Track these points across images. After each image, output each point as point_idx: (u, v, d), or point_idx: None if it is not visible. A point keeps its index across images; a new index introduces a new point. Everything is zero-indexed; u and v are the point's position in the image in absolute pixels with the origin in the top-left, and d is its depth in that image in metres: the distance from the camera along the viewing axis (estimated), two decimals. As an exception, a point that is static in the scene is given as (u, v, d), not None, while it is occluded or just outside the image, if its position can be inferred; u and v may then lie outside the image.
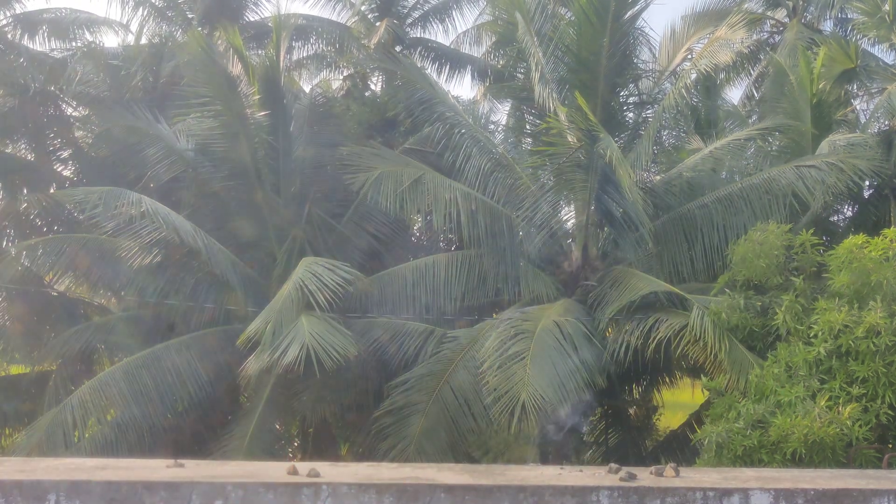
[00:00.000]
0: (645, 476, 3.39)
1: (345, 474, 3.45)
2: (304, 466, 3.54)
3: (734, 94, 19.47)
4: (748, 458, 6.78)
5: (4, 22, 15.31)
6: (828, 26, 18.16)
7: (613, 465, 3.86)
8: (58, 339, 11.98)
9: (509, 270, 11.02)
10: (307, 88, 16.68)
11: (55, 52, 15.29)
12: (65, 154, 15.56)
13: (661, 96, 12.60)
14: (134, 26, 16.52)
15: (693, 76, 12.52)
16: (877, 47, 15.07)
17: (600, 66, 10.91)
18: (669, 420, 12.56)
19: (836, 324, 6.93)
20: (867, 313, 6.86)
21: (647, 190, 11.03)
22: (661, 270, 10.73)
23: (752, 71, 18.80)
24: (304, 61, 18.37)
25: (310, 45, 18.02)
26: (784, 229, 8.39)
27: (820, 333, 7.06)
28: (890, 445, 7.03)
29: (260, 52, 15.72)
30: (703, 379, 8.69)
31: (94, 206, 10.67)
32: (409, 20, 18.45)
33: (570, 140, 10.54)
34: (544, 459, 10.56)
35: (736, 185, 10.99)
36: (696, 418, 10.19)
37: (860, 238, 7.46)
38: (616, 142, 9.96)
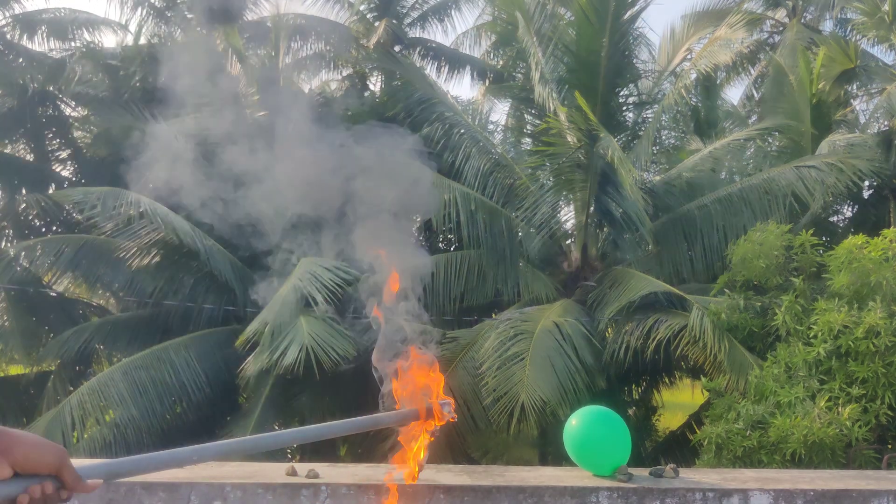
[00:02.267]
0: (644, 477, 3.38)
1: (344, 475, 3.44)
2: (302, 467, 3.53)
3: (734, 94, 19.60)
4: (748, 459, 6.78)
5: (3, 22, 15.31)
6: (828, 26, 18.19)
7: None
8: (56, 339, 11.97)
9: (509, 271, 11.02)
10: (306, 88, 16.68)
11: (54, 53, 15.29)
12: (63, 154, 15.56)
13: (660, 96, 12.60)
14: (133, 26, 16.51)
15: (693, 76, 12.53)
16: (877, 47, 15.10)
17: (600, 66, 10.91)
18: (669, 421, 12.54)
19: (836, 324, 6.92)
20: (867, 314, 6.85)
21: (647, 190, 11.03)
22: (660, 271, 10.73)
23: (751, 71, 18.82)
24: (304, 61, 18.37)
25: (309, 45, 18.01)
26: (784, 230, 8.38)
27: (819, 334, 7.05)
28: (889, 446, 7.02)
29: (259, 52, 15.71)
30: (703, 379, 8.67)
31: (92, 207, 10.67)
32: (409, 20, 18.44)
33: (569, 140, 10.54)
34: (543, 460, 10.56)
35: (735, 186, 10.98)
36: (696, 419, 10.19)
37: (860, 238, 7.45)
38: (616, 142, 9.96)
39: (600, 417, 3.50)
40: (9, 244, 14.19)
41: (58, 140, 15.34)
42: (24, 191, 14.50)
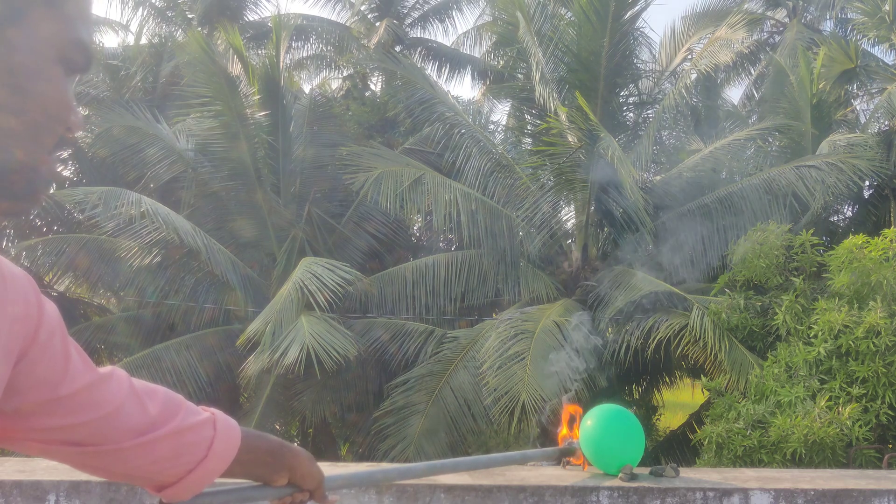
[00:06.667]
0: (645, 476, 3.39)
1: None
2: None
3: (734, 94, 19.53)
4: (748, 459, 6.79)
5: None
6: (828, 26, 18.17)
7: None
8: (57, 339, 11.95)
9: (509, 270, 11.03)
10: (307, 88, 16.70)
11: (55, 52, 15.28)
12: (64, 154, 15.56)
13: (661, 96, 12.60)
14: (134, 26, 16.54)
15: (693, 76, 12.53)
16: (877, 47, 15.07)
17: (600, 66, 10.92)
18: (669, 420, 12.56)
19: (836, 324, 6.93)
20: (867, 313, 6.86)
21: (647, 190, 11.04)
22: (660, 271, 10.74)
23: (752, 71, 18.80)
24: (304, 61, 18.39)
25: (310, 45, 18.05)
26: (784, 229, 8.38)
27: (820, 333, 7.06)
28: (890, 445, 7.03)
29: (260, 52, 15.73)
30: (703, 379, 8.69)
31: (93, 206, 10.67)
32: (409, 20, 18.47)
33: (570, 140, 10.55)
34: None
35: (736, 185, 10.98)
36: (696, 418, 10.20)
37: (860, 238, 7.45)
38: (616, 142, 9.98)
39: (618, 415, 3.50)
40: (10, 244, 14.20)
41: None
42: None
